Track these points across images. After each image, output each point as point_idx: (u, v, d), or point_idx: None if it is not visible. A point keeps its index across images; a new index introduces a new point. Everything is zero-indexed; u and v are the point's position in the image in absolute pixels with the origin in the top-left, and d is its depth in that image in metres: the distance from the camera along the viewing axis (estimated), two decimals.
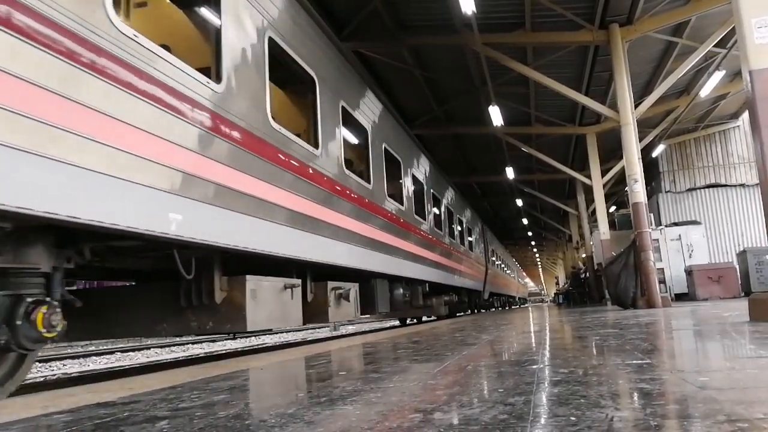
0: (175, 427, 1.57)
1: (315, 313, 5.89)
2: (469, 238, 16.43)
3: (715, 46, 12.59)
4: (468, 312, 18.38)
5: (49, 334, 2.99)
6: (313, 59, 5.75)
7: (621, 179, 15.48)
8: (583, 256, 24.90)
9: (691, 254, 17.07)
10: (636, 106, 11.74)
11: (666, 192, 21.87)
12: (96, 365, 9.44)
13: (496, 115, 14.38)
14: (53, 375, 7.93)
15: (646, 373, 2.02)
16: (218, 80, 3.99)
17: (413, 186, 9.94)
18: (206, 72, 3.93)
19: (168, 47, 3.73)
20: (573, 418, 1.35)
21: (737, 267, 15.35)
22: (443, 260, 11.91)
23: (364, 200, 6.98)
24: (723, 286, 14.75)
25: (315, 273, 5.99)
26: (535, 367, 2.40)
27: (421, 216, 10.30)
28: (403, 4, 11.20)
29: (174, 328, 4.43)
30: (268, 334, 17.21)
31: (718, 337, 3.37)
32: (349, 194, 6.43)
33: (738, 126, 21.63)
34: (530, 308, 24.04)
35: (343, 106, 6.54)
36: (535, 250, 52.87)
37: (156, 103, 3.31)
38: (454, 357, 3.07)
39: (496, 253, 24.38)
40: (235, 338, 15.17)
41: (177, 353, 11.31)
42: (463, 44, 12.28)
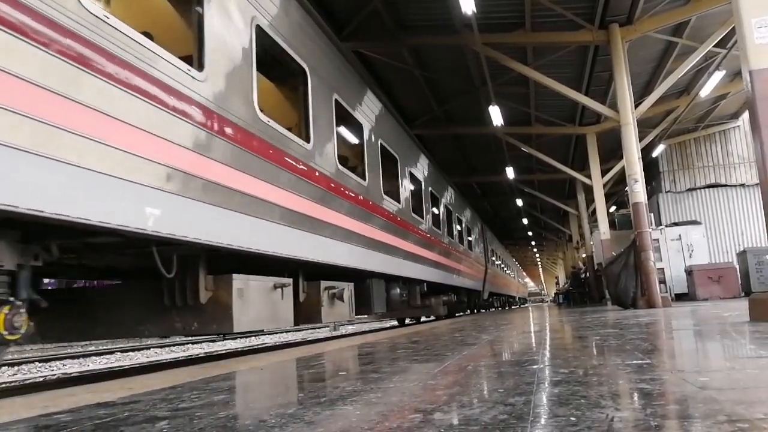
0: (175, 428, 1.57)
1: (307, 314, 5.73)
2: (468, 238, 16.30)
3: (715, 46, 12.60)
4: (467, 312, 18.33)
5: (11, 337, 2.81)
6: (304, 50, 5.54)
7: (621, 179, 15.48)
8: (584, 256, 24.90)
9: (691, 254, 17.07)
10: (636, 106, 11.75)
11: (666, 192, 21.88)
12: (96, 365, 9.44)
13: (496, 115, 14.39)
14: (53, 375, 7.93)
15: (646, 373, 2.02)
16: (200, 68, 3.79)
17: (411, 184, 9.76)
18: (189, 61, 3.75)
19: (150, 35, 3.63)
20: (573, 419, 1.35)
21: (737, 267, 15.37)
22: (442, 259, 11.77)
23: (360, 198, 6.80)
24: (723, 286, 14.76)
25: (308, 272, 5.84)
26: (535, 367, 2.40)
27: (419, 215, 10.13)
28: (403, 4, 11.21)
29: (158, 329, 4.27)
30: (268, 335, 17.18)
31: (718, 337, 3.37)
32: (344, 191, 6.25)
33: (738, 126, 21.64)
34: (530, 308, 24.04)
35: (336, 100, 6.33)
36: (535, 249, 52.88)
37: (128, 89, 3.10)
38: (454, 357, 3.07)
39: (496, 253, 24.32)
40: (235, 338, 15.14)
41: (177, 353, 11.31)
42: (463, 44, 12.29)
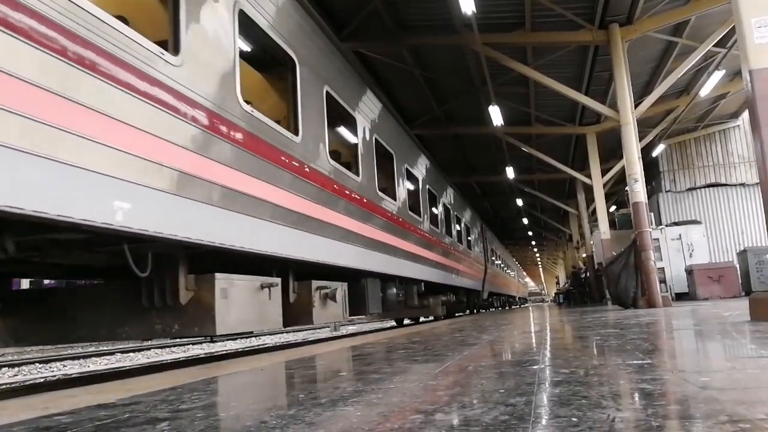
0: (175, 429, 1.57)
1: (298, 315, 5.53)
2: (467, 237, 16.20)
3: (714, 45, 12.60)
4: (467, 312, 18.28)
5: None
6: (293, 39, 5.29)
7: (621, 179, 15.47)
8: (584, 255, 24.90)
9: (691, 254, 17.08)
10: (636, 105, 11.75)
11: (666, 191, 21.88)
12: (96, 366, 9.44)
13: (496, 115, 14.39)
14: (53, 376, 7.93)
15: (647, 373, 2.02)
16: (175, 52, 3.55)
17: (408, 182, 9.46)
18: (165, 45, 3.54)
19: (125, 19, 3.49)
20: (574, 419, 1.35)
21: (738, 266, 15.37)
22: (440, 259, 11.61)
23: (353, 195, 6.58)
24: (723, 285, 14.76)
25: (299, 272, 5.64)
26: (536, 367, 2.40)
27: (417, 213, 9.94)
28: (403, 4, 11.21)
29: (137, 332, 4.07)
30: (268, 335, 17.17)
31: (718, 336, 3.37)
32: (336, 187, 6.03)
33: (738, 125, 21.64)
34: (530, 308, 24.04)
35: (328, 92, 6.09)
36: (535, 249, 52.88)
37: (89, 70, 2.85)
38: (455, 357, 3.06)
39: (496, 253, 24.27)
40: (235, 339, 15.13)
41: (178, 354, 11.31)
42: (463, 44, 12.29)
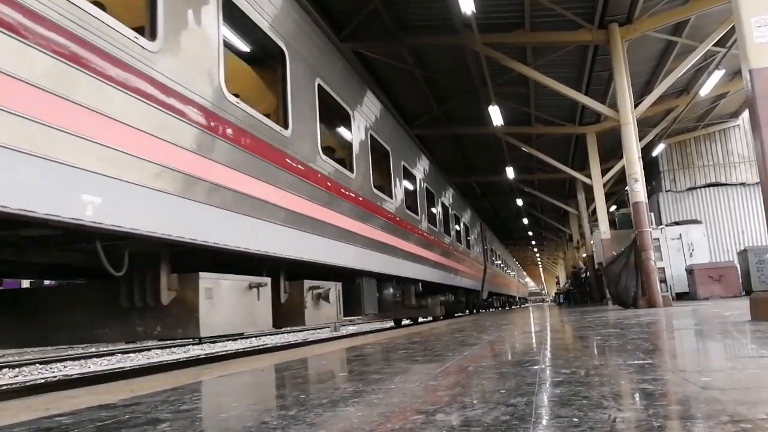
0: (176, 430, 1.57)
1: (289, 316, 5.38)
2: (467, 237, 16.09)
3: (714, 45, 12.60)
4: (466, 312, 18.23)
5: None
6: (282, 28, 5.07)
7: (621, 178, 15.47)
8: (584, 255, 24.90)
9: (691, 253, 17.07)
10: (636, 105, 11.75)
11: (666, 191, 21.87)
12: (97, 367, 9.44)
13: (496, 115, 14.38)
14: (54, 377, 7.93)
15: (648, 373, 2.02)
16: (152, 38, 3.36)
17: (405, 180, 9.27)
18: (143, 32, 3.38)
19: (102, 5, 3.34)
20: (575, 419, 1.34)
21: (738, 266, 15.37)
22: (439, 258, 11.44)
23: (347, 192, 6.39)
24: (724, 285, 14.76)
25: (291, 271, 5.48)
26: (536, 367, 2.40)
27: (414, 212, 9.76)
28: (403, 4, 11.21)
29: (117, 334, 3.91)
30: (269, 336, 17.17)
31: (719, 336, 3.37)
32: (328, 183, 5.81)
33: (738, 125, 21.63)
34: (531, 308, 24.03)
35: (320, 85, 5.88)
36: (535, 249, 52.88)
37: (54, 54, 2.68)
38: (455, 358, 3.06)
39: (496, 252, 24.24)
40: (236, 340, 15.13)
41: (178, 354, 11.31)
42: (463, 44, 12.29)
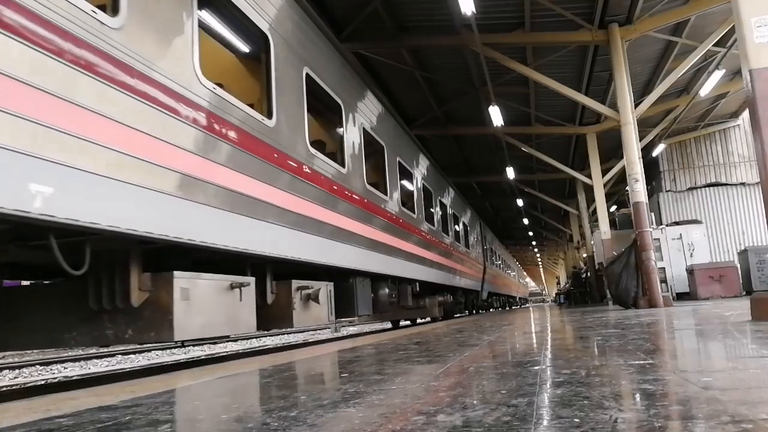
0: (177, 431, 1.57)
1: (277, 317, 5.16)
2: (466, 236, 15.93)
3: (714, 45, 12.61)
4: (465, 313, 18.15)
5: None
6: (265, 11, 4.84)
7: (621, 179, 15.48)
8: (584, 255, 24.90)
9: (692, 253, 17.07)
10: (636, 105, 11.76)
11: (667, 191, 21.88)
12: (97, 368, 9.44)
13: (496, 115, 14.39)
14: (54, 378, 7.93)
15: (648, 373, 2.02)
16: (113, 12, 3.13)
17: (400, 176, 8.98)
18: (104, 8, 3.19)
19: None
20: (576, 420, 1.34)
21: (738, 266, 15.36)
22: (437, 258, 11.24)
23: (337, 187, 6.14)
24: (724, 285, 14.75)
25: (280, 271, 5.27)
26: (537, 368, 2.40)
27: (410, 209, 9.48)
28: (403, 4, 11.22)
29: (86, 338, 3.68)
30: (269, 337, 17.14)
31: (720, 336, 3.37)
32: (317, 178, 5.57)
33: (738, 125, 21.64)
34: (531, 308, 24.03)
35: (308, 74, 5.62)
36: (535, 249, 52.88)
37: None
38: (456, 358, 3.06)
39: (496, 252, 24.18)
40: (236, 341, 15.12)
41: (178, 355, 11.32)
42: (462, 45, 12.30)
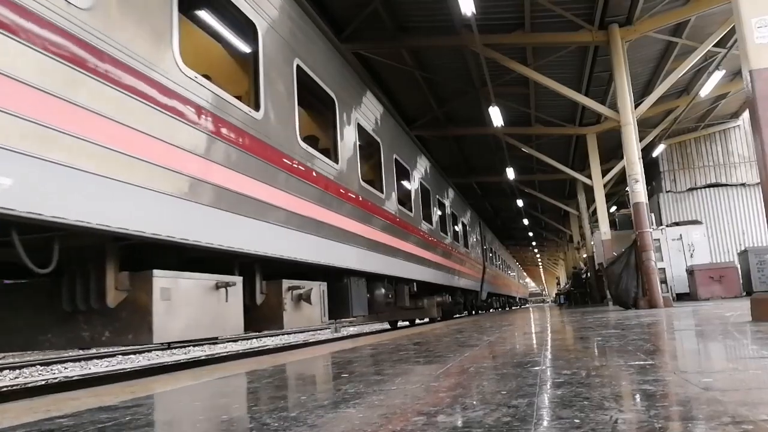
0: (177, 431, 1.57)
1: (267, 318, 5.00)
2: (465, 236, 15.83)
3: (714, 45, 12.61)
4: (464, 314, 18.08)
5: None
6: (253, 1, 4.69)
7: (621, 179, 15.47)
8: (584, 256, 24.90)
9: (692, 254, 17.07)
10: (636, 106, 11.77)
11: (667, 192, 21.88)
12: (97, 368, 9.44)
13: (496, 115, 14.40)
14: (55, 378, 7.93)
15: (649, 374, 2.02)
16: None
17: (396, 173, 8.77)
18: None
19: None
20: (577, 420, 1.34)
21: (738, 266, 15.36)
22: (435, 257, 11.03)
23: (330, 183, 5.97)
24: (724, 285, 14.75)
25: (270, 270, 5.12)
26: (537, 368, 2.40)
27: (407, 207, 9.29)
28: (403, 5, 11.23)
29: (61, 340, 3.52)
30: (269, 337, 17.13)
31: (720, 337, 3.37)
32: (308, 173, 5.41)
33: (738, 125, 21.65)
34: (531, 309, 24.03)
35: (299, 67, 5.46)
36: (536, 250, 52.89)
37: None
38: (456, 359, 3.06)
39: (495, 253, 24.13)
40: (236, 341, 15.12)
41: (179, 356, 11.31)
42: (463, 45, 12.31)
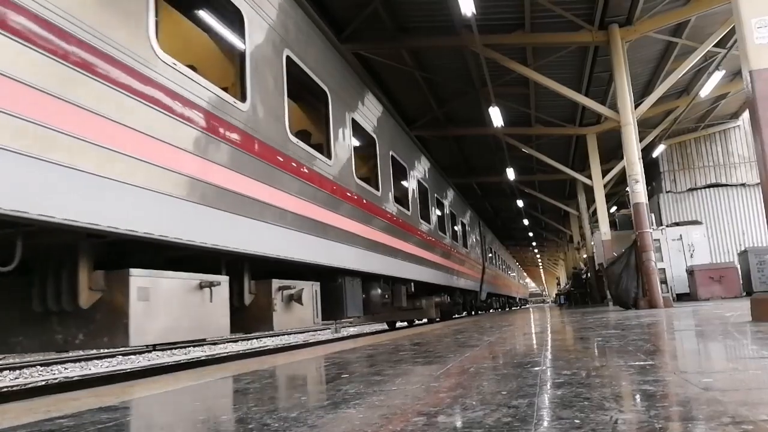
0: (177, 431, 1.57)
1: (255, 319, 4.84)
2: (464, 236, 15.76)
3: (714, 46, 12.62)
4: (463, 314, 18.02)
5: None
6: None
7: (622, 179, 15.48)
8: (584, 256, 24.90)
9: (692, 254, 17.07)
10: (636, 106, 11.77)
11: (667, 192, 21.89)
12: (98, 369, 9.44)
13: (496, 115, 14.40)
14: (55, 379, 7.93)
15: (649, 374, 2.02)
16: None
17: (393, 170, 8.63)
18: None
19: None
20: (577, 421, 1.35)
21: (738, 267, 15.36)
22: (433, 257, 10.92)
23: (323, 179, 5.82)
24: (724, 286, 14.76)
25: (261, 269, 4.97)
26: (537, 368, 2.40)
27: (404, 206, 9.14)
28: (403, 5, 11.23)
29: (34, 343, 3.37)
30: (269, 338, 17.12)
31: (720, 337, 3.37)
32: (299, 169, 5.24)
33: (738, 126, 21.66)
34: (531, 309, 24.03)
35: (289, 57, 5.29)
36: (536, 250, 52.88)
37: None
38: (457, 359, 3.06)
39: (495, 253, 24.09)
40: (236, 341, 15.11)
41: (178, 356, 11.31)
42: (463, 46, 12.31)
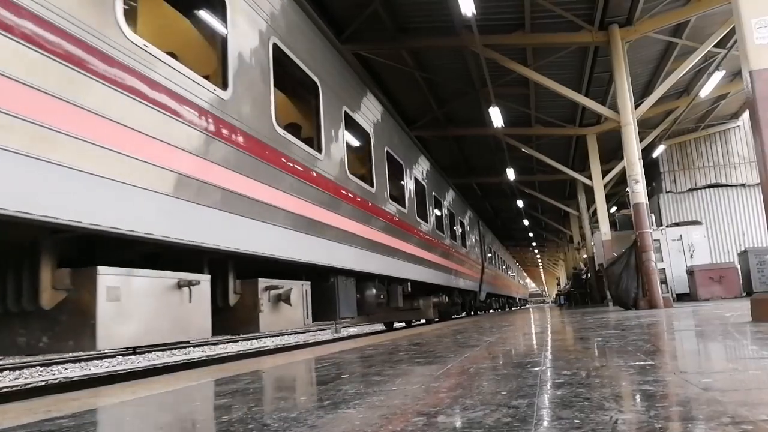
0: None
1: (241, 320, 4.59)
2: (464, 236, 15.67)
3: (714, 46, 12.62)
4: (462, 314, 17.98)
5: None
6: None
7: (622, 180, 15.47)
8: (584, 256, 24.90)
9: (692, 254, 17.07)
10: (636, 106, 11.77)
11: (667, 192, 21.89)
12: (98, 369, 9.44)
13: (496, 116, 14.40)
14: (55, 379, 7.93)
15: (648, 374, 2.02)
16: None
17: (388, 167, 8.37)
18: None
19: None
20: (577, 421, 1.35)
21: (738, 267, 15.36)
22: (431, 257, 10.76)
23: (313, 174, 5.56)
24: (724, 286, 14.75)
25: (245, 268, 4.74)
26: (537, 369, 2.40)
27: (401, 203, 8.92)
28: (403, 6, 11.23)
29: None
30: (269, 338, 17.13)
31: (720, 337, 3.37)
32: (286, 163, 5.02)
33: (738, 126, 21.66)
34: (531, 310, 24.03)
35: (276, 46, 5.08)
36: (536, 250, 52.88)
37: None
38: (457, 359, 3.06)
39: (495, 253, 24.05)
40: (236, 342, 15.10)
41: (179, 357, 11.31)
42: (463, 46, 12.31)
